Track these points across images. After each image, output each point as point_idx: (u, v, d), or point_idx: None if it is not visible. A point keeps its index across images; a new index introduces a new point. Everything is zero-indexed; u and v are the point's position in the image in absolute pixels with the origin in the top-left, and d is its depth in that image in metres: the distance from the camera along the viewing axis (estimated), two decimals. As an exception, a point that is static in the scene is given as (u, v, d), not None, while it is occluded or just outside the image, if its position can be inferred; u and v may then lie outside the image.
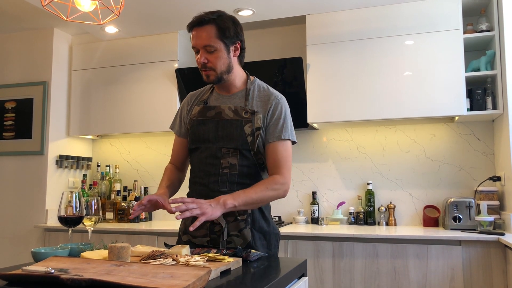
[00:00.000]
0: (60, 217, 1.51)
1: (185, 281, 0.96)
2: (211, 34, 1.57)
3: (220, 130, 1.61)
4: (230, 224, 1.58)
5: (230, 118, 1.61)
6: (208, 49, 1.57)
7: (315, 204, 3.24)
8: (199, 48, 1.59)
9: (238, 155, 1.59)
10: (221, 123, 1.62)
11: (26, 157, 3.52)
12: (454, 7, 2.80)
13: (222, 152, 1.60)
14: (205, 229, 1.60)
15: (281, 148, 1.61)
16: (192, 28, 1.60)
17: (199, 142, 1.65)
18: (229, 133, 1.60)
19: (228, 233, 1.58)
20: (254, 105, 1.63)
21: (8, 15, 3.33)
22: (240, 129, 1.59)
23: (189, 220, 1.64)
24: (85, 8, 1.81)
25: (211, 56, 1.58)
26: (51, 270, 1.03)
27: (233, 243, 1.58)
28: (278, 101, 1.64)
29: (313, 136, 3.37)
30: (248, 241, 1.58)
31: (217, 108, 1.64)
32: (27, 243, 3.41)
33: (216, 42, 1.57)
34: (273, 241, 1.67)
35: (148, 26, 3.26)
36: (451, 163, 3.07)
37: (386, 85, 2.89)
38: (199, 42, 1.58)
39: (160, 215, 3.66)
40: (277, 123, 1.61)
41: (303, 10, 3.01)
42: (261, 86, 1.70)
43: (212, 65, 1.59)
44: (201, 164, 1.64)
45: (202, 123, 1.65)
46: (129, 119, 3.47)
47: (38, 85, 3.55)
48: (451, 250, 2.48)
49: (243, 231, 1.58)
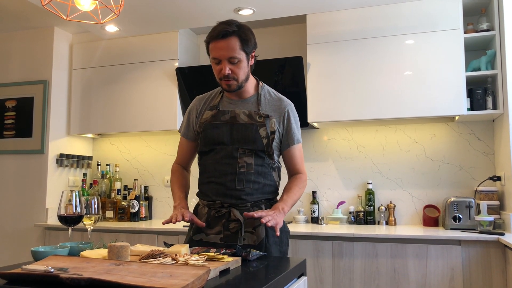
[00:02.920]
0: (60, 216, 1.51)
1: (184, 281, 0.96)
2: (235, 46, 1.62)
3: (235, 134, 1.69)
4: (245, 221, 1.65)
5: (245, 122, 1.69)
6: (232, 61, 1.63)
7: (315, 203, 3.24)
8: (222, 59, 1.62)
9: (253, 155, 1.69)
10: (235, 127, 1.69)
11: (27, 156, 3.52)
12: (455, 6, 2.80)
13: (238, 152, 1.68)
14: (220, 225, 1.67)
15: (298, 150, 1.78)
16: (214, 40, 1.63)
17: (213, 144, 1.71)
18: (245, 136, 1.68)
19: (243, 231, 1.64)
20: (267, 110, 1.73)
21: (9, 14, 3.33)
22: (256, 132, 1.67)
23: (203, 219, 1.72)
24: (85, 8, 1.81)
25: (235, 67, 1.64)
26: (51, 269, 1.03)
27: (247, 240, 1.65)
28: (291, 107, 1.77)
29: (313, 136, 3.37)
30: (261, 238, 1.65)
31: (231, 112, 1.71)
32: (27, 242, 3.41)
33: (240, 53, 1.63)
34: (284, 239, 1.74)
35: (148, 25, 3.26)
36: (451, 163, 3.07)
37: (387, 85, 2.88)
38: (223, 54, 1.62)
39: (160, 214, 3.67)
40: (292, 128, 1.75)
41: (304, 9, 3.01)
42: (270, 91, 1.80)
43: (235, 75, 1.65)
44: (216, 164, 1.70)
45: (216, 127, 1.71)
46: (129, 118, 3.47)
47: (39, 83, 3.55)
48: (450, 250, 2.48)
49: (257, 228, 1.66)
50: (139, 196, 3.50)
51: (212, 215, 1.70)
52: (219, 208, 1.69)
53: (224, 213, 1.68)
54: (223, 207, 1.69)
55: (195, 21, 3.16)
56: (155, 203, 3.70)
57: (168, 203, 3.65)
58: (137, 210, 3.45)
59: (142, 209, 3.49)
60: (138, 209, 3.45)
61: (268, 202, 1.75)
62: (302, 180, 1.78)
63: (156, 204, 3.69)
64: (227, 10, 2.95)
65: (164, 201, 3.67)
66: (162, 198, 3.68)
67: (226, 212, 1.68)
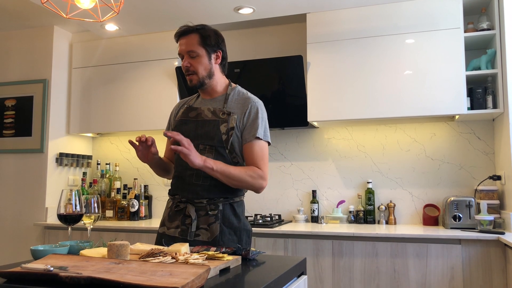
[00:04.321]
0: (60, 215, 1.51)
1: (184, 279, 0.96)
2: (194, 41, 1.74)
3: (199, 129, 1.75)
4: (201, 218, 1.72)
5: (208, 118, 1.76)
6: (191, 55, 1.74)
7: (315, 202, 3.24)
8: (183, 54, 1.76)
9: (214, 152, 1.72)
10: (200, 123, 1.76)
11: (26, 155, 3.52)
12: (455, 5, 2.80)
13: (199, 148, 1.72)
14: (178, 220, 1.75)
15: (257, 147, 1.73)
16: (178, 37, 1.78)
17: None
18: (207, 132, 1.74)
19: (198, 226, 1.71)
20: (232, 107, 1.77)
21: (8, 13, 3.33)
22: (216, 128, 1.72)
23: (166, 213, 1.82)
24: (85, 6, 1.81)
25: (194, 61, 1.75)
26: (50, 268, 1.03)
27: (201, 236, 1.71)
28: (255, 104, 1.77)
29: (313, 135, 3.37)
30: (215, 235, 1.70)
31: (198, 109, 1.80)
32: (27, 241, 3.41)
33: (198, 48, 1.74)
34: (244, 237, 1.77)
35: (148, 24, 3.26)
36: (451, 162, 3.07)
37: (387, 84, 2.88)
38: (183, 48, 1.75)
39: (160, 213, 3.66)
40: (253, 124, 1.74)
41: (304, 9, 3.00)
42: (241, 92, 1.84)
43: (194, 69, 1.75)
44: (180, 159, 1.75)
45: (184, 123, 1.80)
46: (129, 117, 3.46)
47: (38, 83, 3.54)
48: (451, 249, 2.48)
49: (212, 225, 1.71)
50: (138, 195, 3.50)
51: (172, 209, 1.80)
52: (178, 203, 1.77)
53: (182, 208, 1.76)
54: (181, 202, 1.76)
55: (195, 20, 3.16)
56: (155, 202, 3.69)
57: (168, 202, 3.65)
58: (137, 209, 3.44)
59: (141, 208, 3.49)
60: (138, 208, 3.45)
61: (227, 201, 1.73)
62: (253, 170, 1.69)
63: (155, 203, 3.69)
64: (227, 9, 2.95)
65: (164, 200, 3.67)
66: (162, 197, 3.67)
67: (184, 207, 1.75)
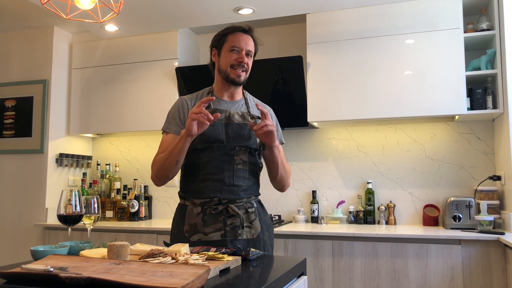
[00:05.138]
0: (60, 215, 1.51)
1: (183, 280, 0.96)
2: (253, 43, 1.81)
3: (231, 132, 1.74)
4: (243, 216, 1.73)
5: (239, 122, 1.77)
6: (250, 53, 1.79)
7: (315, 203, 3.24)
8: (243, 49, 1.76)
9: (247, 153, 1.77)
10: (230, 126, 1.75)
11: (26, 156, 3.52)
12: (455, 6, 2.80)
13: (235, 150, 1.74)
14: (219, 222, 1.70)
15: (281, 151, 1.84)
16: (239, 31, 1.78)
17: (209, 142, 1.74)
18: (240, 135, 1.75)
19: (242, 225, 1.71)
20: (255, 112, 1.85)
21: (9, 14, 3.33)
22: (249, 131, 1.76)
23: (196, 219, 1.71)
24: (85, 6, 1.81)
25: (249, 60, 1.80)
26: (50, 269, 1.03)
27: (245, 234, 1.71)
28: (270, 110, 1.91)
29: (313, 135, 3.37)
30: (258, 231, 1.74)
31: (226, 112, 1.78)
32: (27, 241, 3.41)
33: (254, 50, 1.82)
34: (272, 233, 1.85)
35: (148, 24, 3.25)
36: (451, 162, 3.07)
37: (387, 84, 2.88)
38: (244, 44, 1.77)
39: (160, 213, 3.67)
40: (278, 129, 1.87)
41: (304, 9, 3.00)
42: (251, 97, 1.92)
43: (248, 68, 1.80)
44: (213, 161, 1.74)
45: (212, 125, 1.71)
46: (129, 118, 3.46)
47: (38, 83, 3.54)
48: (450, 249, 2.48)
49: (254, 222, 1.75)
50: (138, 196, 3.50)
51: (208, 213, 1.70)
52: (216, 205, 1.70)
53: (221, 210, 1.70)
54: (220, 204, 1.71)
55: (195, 20, 3.16)
56: (155, 202, 3.69)
57: (168, 202, 3.65)
58: (137, 210, 3.44)
59: (141, 209, 3.49)
60: (138, 208, 3.45)
61: (257, 199, 1.83)
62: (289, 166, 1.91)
63: (155, 204, 3.69)
64: (227, 10, 2.95)
65: (164, 201, 3.67)
66: (162, 198, 3.68)
67: (223, 208, 1.70)
